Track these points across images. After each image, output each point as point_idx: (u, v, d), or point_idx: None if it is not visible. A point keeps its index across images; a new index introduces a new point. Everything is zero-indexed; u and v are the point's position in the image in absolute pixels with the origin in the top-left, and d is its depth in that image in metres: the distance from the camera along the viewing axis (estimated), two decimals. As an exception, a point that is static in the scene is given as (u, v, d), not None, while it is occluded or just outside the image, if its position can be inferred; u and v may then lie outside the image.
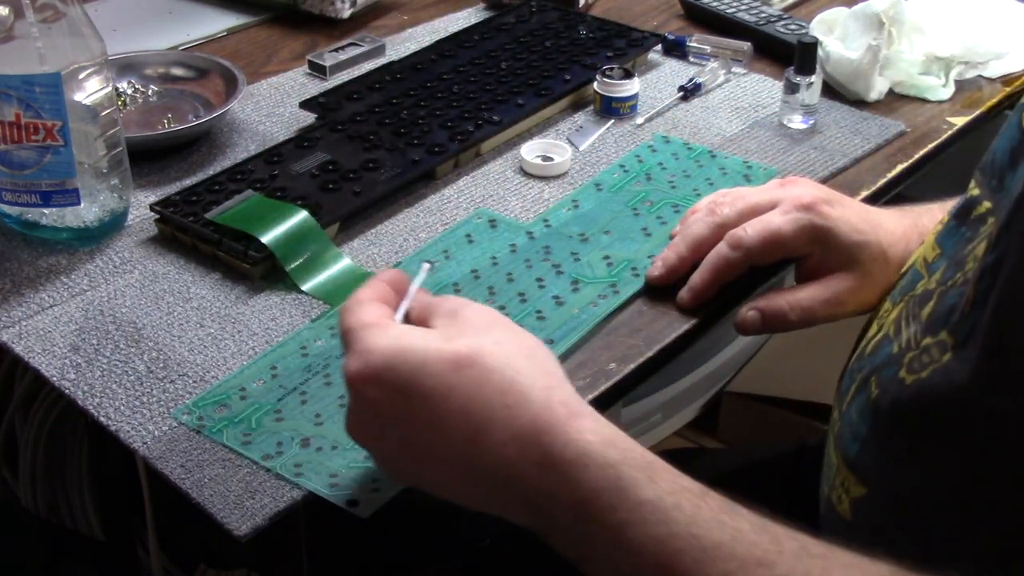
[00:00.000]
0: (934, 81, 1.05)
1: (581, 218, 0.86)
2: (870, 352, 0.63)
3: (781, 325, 0.74)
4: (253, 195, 0.83)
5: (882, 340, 0.63)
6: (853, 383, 0.63)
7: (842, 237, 0.73)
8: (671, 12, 1.23)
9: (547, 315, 0.76)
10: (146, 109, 1.00)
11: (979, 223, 0.59)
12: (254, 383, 0.70)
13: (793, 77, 0.97)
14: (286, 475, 0.63)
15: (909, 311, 0.61)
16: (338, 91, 1.01)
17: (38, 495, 1.04)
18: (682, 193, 0.89)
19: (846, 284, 0.74)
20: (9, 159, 0.78)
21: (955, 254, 0.59)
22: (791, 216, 0.73)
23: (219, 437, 0.66)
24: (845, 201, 0.76)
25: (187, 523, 0.91)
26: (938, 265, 0.62)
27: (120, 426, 0.67)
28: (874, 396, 0.59)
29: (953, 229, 0.62)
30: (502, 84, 1.02)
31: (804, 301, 0.74)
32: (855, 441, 0.59)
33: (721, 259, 0.74)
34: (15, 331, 0.74)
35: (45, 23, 0.76)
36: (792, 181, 0.78)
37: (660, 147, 0.96)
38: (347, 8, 1.17)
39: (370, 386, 0.54)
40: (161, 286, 0.79)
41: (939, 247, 0.63)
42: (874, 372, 0.60)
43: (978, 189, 0.61)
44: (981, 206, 0.59)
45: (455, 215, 0.87)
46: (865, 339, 0.67)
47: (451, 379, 0.53)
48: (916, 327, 0.58)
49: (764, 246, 0.73)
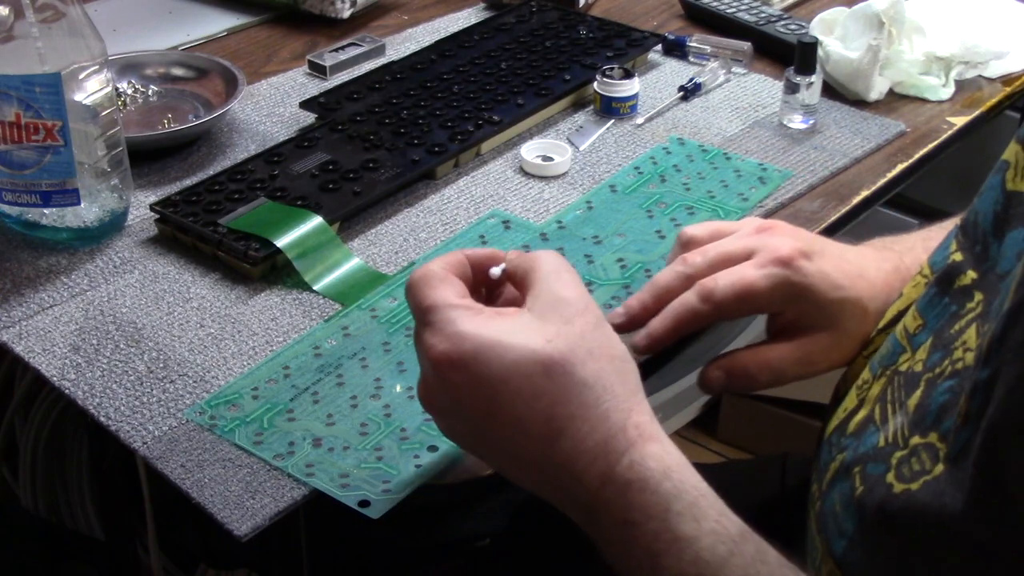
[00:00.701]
0: (934, 81, 1.05)
1: (594, 220, 0.86)
2: (852, 431, 0.61)
3: (747, 386, 0.69)
4: (266, 202, 0.83)
5: (866, 422, 0.60)
6: (832, 460, 0.60)
7: (820, 295, 0.67)
8: (671, 12, 1.23)
9: None
10: (146, 109, 1.00)
11: (964, 296, 0.57)
12: (266, 383, 0.70)
13: (793, 77, 0.97)
14: (297, 475, 0.63)
15: (895, 394, 0.59)
16: (338, 91, 1.01)
17: (38, 495, 1.04)
18: (696, 196, 0.89)
19: (820, 344, 0.68)
20: (9, 159, 0.78)
21: (941, 332, 0.57)
22: (767, 271, 0.67)
23: (231, 436, 0.66)
24: (827, 250, 0.70)
25: (187, 523, 0.91)
26: (921, 339, 0.59)
27: (120, 426, 0.67)
28: (859, 493, 0.56)
29: (935, 298, 0.60)
30: (502, 84, 1.02)
31: (773, 362, 0.69)
32: (841, 537, 0.57)
33: (687, 310, 0.68)
34: (15, 331, 0.74)
35: (45, 23, 0.76)
36: (771, 228, 0.71)
37: (675, 149, 0.96)
38: (347, 8, 1.17)
39: (457, 372, 0.54)
40: (161, 286, 0.79)
41: (921, 317, 0.60)
42: (858, 462, 0.57)
43: (960, 254, 0.59)
44: (965, 276, 0.57)
45: (455, 215, 0.87)
46: (842, 408, 0.64)
47: (541, 383, 0.54)
48: (903, 419, 0.56)
49: (735, 301, 0.67)
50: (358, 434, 0.66)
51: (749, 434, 1.78)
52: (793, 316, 0.69)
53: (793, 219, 0.88)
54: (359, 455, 0.64)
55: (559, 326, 0.56)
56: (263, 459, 0.64)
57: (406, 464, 0.64)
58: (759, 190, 0.90)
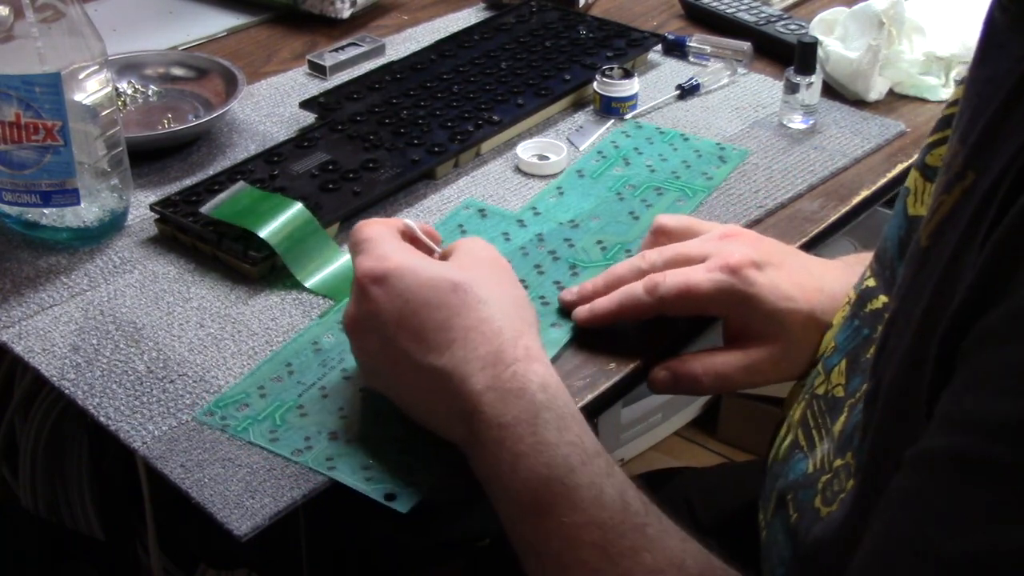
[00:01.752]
0: (934, 81, 1.05)
1: (567, 205, 0.88)
2: (782, 457, 0.61)
3: (693, 389, 0.71)
4: (244, 187, 0.83)
5: (791, 448, 0.61)
6: (773, 489, 0.61)
7: (766, 305, 0.69)
8: (671, 12, 1.23)
9: (550, 300, 0.77)
10: (146, 109, 1.00)
11: (875, 319, 0.58)
12: (271, 380, 0.70)
13: (793, 77, 0.97)
14: (319, 469, 0.63)
15: (816, 419, 0.60)
16: (338, 91, 1.01)
17: (38, 495, 1.04)
18: (662, 176, 0.92)
19: (767, 353, 0.70)
20: (9, 159, 0.78)
21: (856, 356, 0.58)
22: (712, 276, 0.69)
23: (245, 436, 0.66)
24: (786, 262, 0.71)
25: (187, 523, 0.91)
26: (833, 362, 0.60)
27: (120, 426, 0.67)
28: (793, 520, 0.57)
29: (848, 322, 0.61)
30: (502, 84, 1.02)
31: (720, 367, 0.70)
32: (781, 565, 0.58)
33: (631, 297, 0.71)
34: (15, 331, 0.74)
35: (45, 23, 0.76)
36: (735, 236, 0.73)
37: (633, 132, 0.98)
38: (347, 8, 1.17)
39: (378, 285, 0.62)
40: (161, 286, 0.79)
41: (834, 340, 0.61)
42: (790, 490, 0.59)
43: (874, 280, 0.60)
44: (877, 300, 0.58)
45: (455, 215, 0.88)
46: (779, 436, 0.65)
47: (446, 297, 0.62)
48: (830, 445, 0.57)
49: (677, 299, 0.69)
50: (373, 424, 0.66)
51: (749, 434, 1.78)
52: (740, 323, 0.71)
53: (793, 219, 0.88)
54: (379, 446, 0.65)
55: (472, 266, 0.64)
56: (281, 455, 0.64)
57: (426, 454, 0.64)
58: (721, 169, 0.93)
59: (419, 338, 0.61)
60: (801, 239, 0.85)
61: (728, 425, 1.83)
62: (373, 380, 0.67)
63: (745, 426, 1.79)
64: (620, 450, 1.77)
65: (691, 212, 0.87)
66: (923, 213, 0.55)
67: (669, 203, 0.88)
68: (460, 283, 0.62)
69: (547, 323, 0.74)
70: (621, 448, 1.77)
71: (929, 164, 0.56)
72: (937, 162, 0.55)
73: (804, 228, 0.87)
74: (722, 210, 0.88)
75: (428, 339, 0.61)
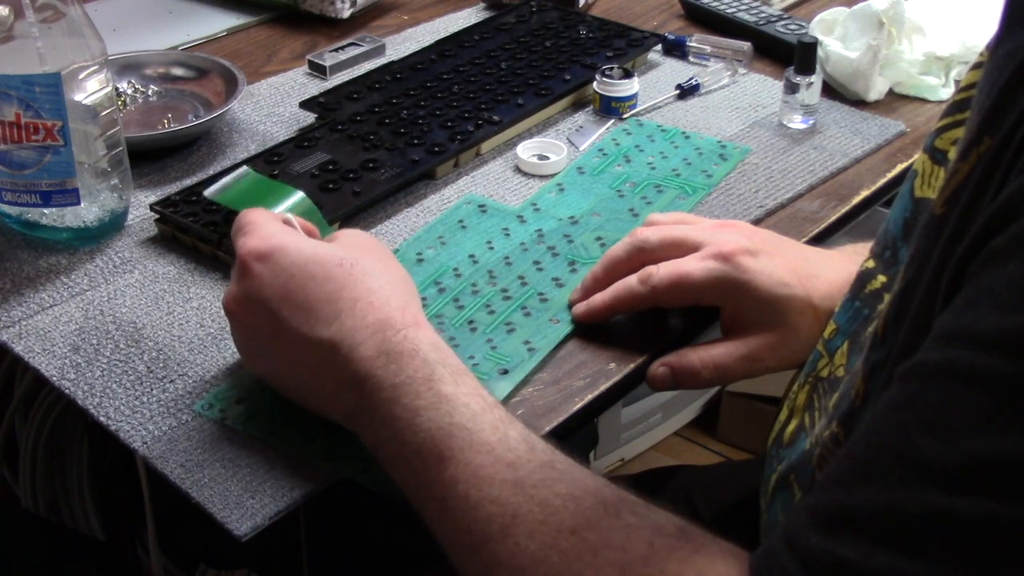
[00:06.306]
0: (934, 81, 1.05)
1: (568, 201, 0.88)
2: (787, 442, 0.61)
3: (692, 382, 0.70)
4: (248, 172, 0.82)
5: (798, 431, 0.60)
6: (773, 472, 0.61)
7: (761, 291, 0.68)
8: (671, 12, 1.23)
9: (549, 296, 0.77)
10: (146, 109, 1.00)
11: (875, 299, 0.58)
12: None
13: (793, 77, 0.97)
14: (318, 460, 0.64)
15: (818, 400, 0.59)
16: (338, 91, 1.01)
17: (38, 495, 1.04)
18: (662, 173, 0.92)
19: (764, 340, 0.69)
20: (9, 159, 0.78)
21: (856, 336, 0.58)
22: (705, 264, 0.69)
23: (244, 428, 0.66)
24: (781, 250, 0.71)
25: (187, 523, 0.91)
26: (836, 344, 0.60)
27: (120, 426, 0.67)
28: (799, 499, 0.57)
29: (848, 303, 0.60)
30: (502, 84, 1.02)
31: (718, 358, 0.70)
32: None
33: (626, 290, 0.71)
34: (15, 331, 0.74)
35: (45, 23, 0.76)
36: (728, 225, 0.73)
37: (634, 130, 0.98)
38: (347, 8, 1.18)
39: (262, 262, 0.62)
40: (161, 286, 0.79)
41: (835, 323, 0.61)
42: (792, 470, 0.58)
43: (873, 261, 0.60)
44: (875, 280, 0.58)
45: (455, 215, 0.88)
46: (778, 421, 0.65)
47: (333, 270, 0.62)
48: (826, 420, 0.56)
49: (671, 289, 0.69)
50: None
51: (749, 434, 1.78)
52: (736, 312, 0.70)
53: (793, 219, 0.88)
54: None
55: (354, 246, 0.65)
56: (280, 447, 0.64)
57: None
58: (721, 167, 0.93)
59: (306, 311, 0.61)
60: (801, 239, 0.85)
61: (728, 425, 1.83)
62: (255, 363, 0.67)
63: (745, 426, 1.79)
64: (620, 450, 1.77)
65: (690, 210, 0.87)
66: (930, 195, 0.55)
67: (669, 200, 0.88)
68: (345, 257, 0.63)
69: (545, 319, 0.75)
70: (621, 448, 1.77)
71: (938, 147, 0.56)
72: (947, 145, 0.55)
73: (804, 228, 0.87)
74: (722, 210, 0.88)
75: (315, 312, 0.61)
